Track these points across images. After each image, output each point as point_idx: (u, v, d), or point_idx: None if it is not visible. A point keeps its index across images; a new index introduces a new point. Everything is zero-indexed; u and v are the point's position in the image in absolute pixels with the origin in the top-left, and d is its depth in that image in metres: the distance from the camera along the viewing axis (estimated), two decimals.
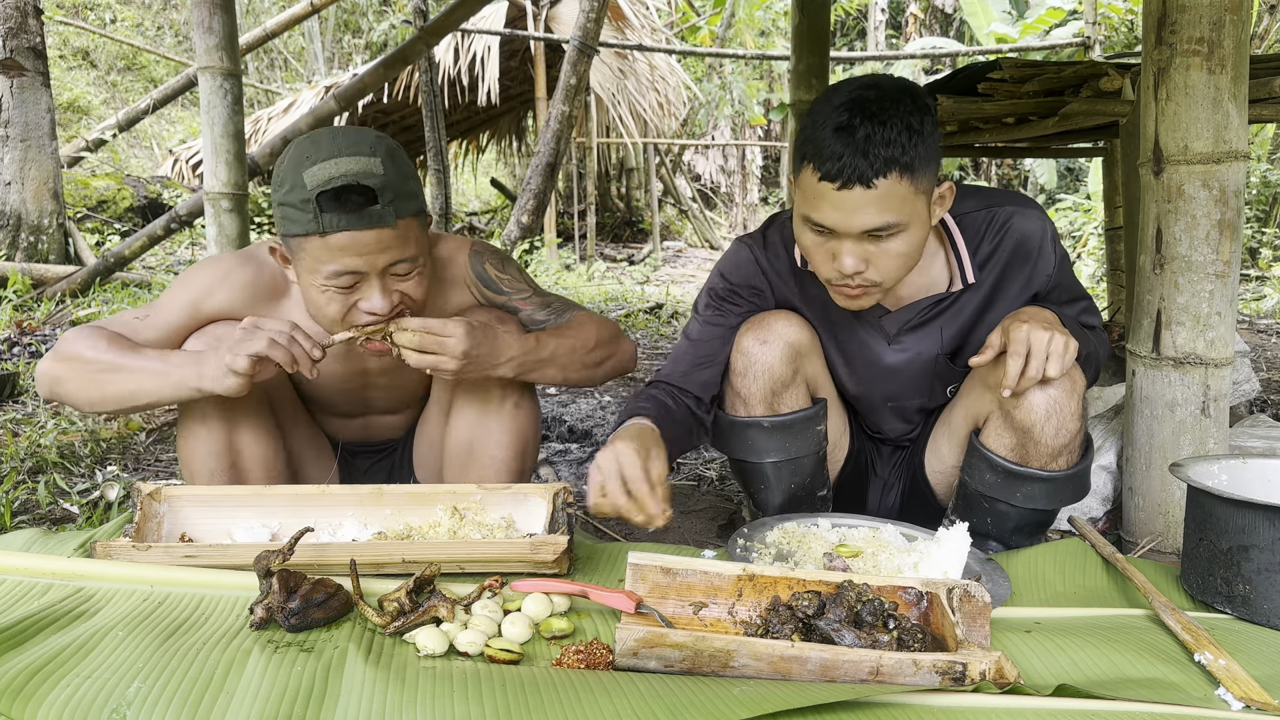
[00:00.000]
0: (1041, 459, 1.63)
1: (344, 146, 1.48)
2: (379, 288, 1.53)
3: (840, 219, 1.47)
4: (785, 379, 1.72)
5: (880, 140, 1.42)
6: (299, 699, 1.05)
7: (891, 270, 1.53)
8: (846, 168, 1.43)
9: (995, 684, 1.12)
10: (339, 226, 1.45)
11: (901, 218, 1.47)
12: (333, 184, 1.44)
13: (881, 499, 1.98)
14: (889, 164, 1.43)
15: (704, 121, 13.74)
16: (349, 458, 1.97)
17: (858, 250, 1.50)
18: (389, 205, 1.47)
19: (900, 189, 1.45)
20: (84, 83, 12.26)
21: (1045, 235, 1.68)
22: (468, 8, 5.88)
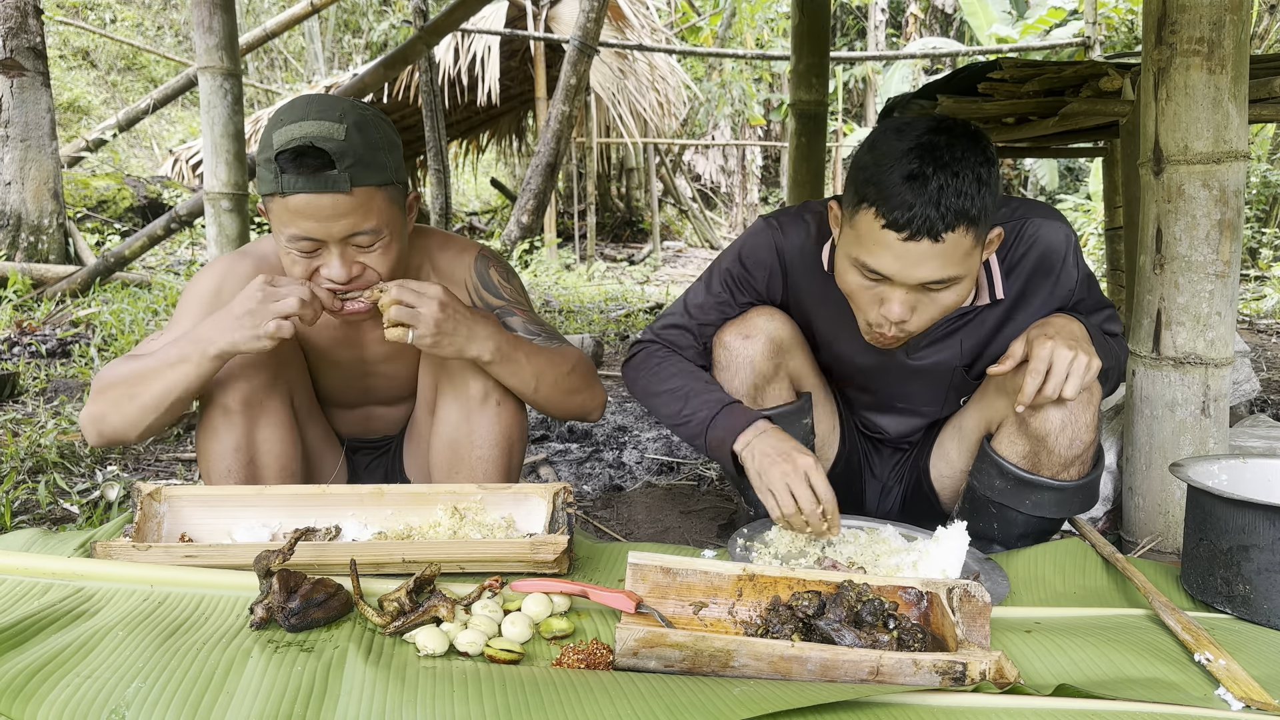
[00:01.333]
0: (1053, 468, 1.62)
1: (313, 111, 1.50)
2: (338, 255, 1.53)
3: (900, 269, 1.43)
4: (768, 374, 1.72)
5: (953, 191, 1.37)
6: (299, 699, 1.05)
7: (932, 319, 1.52)
8: (917, 219, 1.37)
9: (995, 684, 1.12)
10: (295, 188, 1.47)
11: (961, 271, 1.44)
12: (292, 144, 1.46)
13: (880, 501, 1.98)
14: (959, 216, 1.38)
15: (704, 121, 13.74)
16: (349, 454, 1.98)
17: (909, 300, 1.47)
18: (345, 170, 1.47)
19: (964, 243, 1.41)
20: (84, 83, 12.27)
21: (1069, 248, 1.64)
22: (468, 8, 5.89)
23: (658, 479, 2.64)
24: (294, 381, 1.74)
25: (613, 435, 3.10)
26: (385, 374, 1.83)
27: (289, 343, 1.68)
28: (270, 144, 1.49)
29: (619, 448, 2.95)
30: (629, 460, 2.81)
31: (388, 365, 1.82)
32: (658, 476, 2.67)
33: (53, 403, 3.07)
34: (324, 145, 1.46)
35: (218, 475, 1.68)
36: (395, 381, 1.86)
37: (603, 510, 2.34)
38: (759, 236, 1.76)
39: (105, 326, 4.15)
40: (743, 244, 1.78)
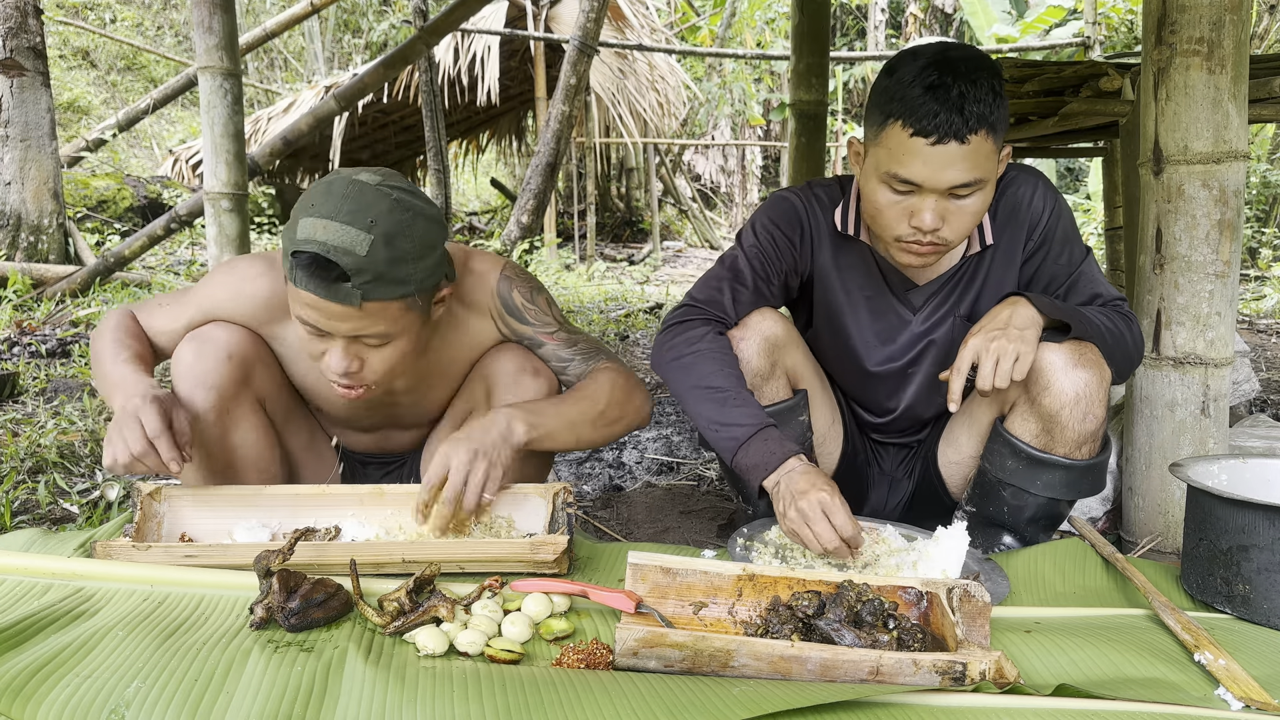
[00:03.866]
0: (1066, 446, 1.64)
1: (343, 210, 1.42)
2: (340, 350, 1.51)
3: (930, 174, 1.51)
4: (764, 371, 1.73)
5: (973, 98, 1.48)
6: (299, 699, 1.05)
7: (964, 228, 1.58)
8: (943, 124, 1.47)
9: (995, 684, 1.12)
10: (305, 287, 1.43)
11: (984, 175, 1.52)
12: (309, 247, 1.41)
13: (889, 497, 1.98)
14: (980, 120, 1.48)
15: (704, 121, 13.74)
16: (359, 466, 1.96)
17: (939, 207, 1.54)
18: (359, 287, 1.42)
19: (986, 147, 1.51)
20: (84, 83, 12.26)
21: (1042, 200, 1.70)
22: (468, 8, 5.88)
23: (658, 479, 2.64)
24: (265, 388, 1.72)
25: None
26: (410, 403, 1.81)
27: (257, 349, 1.69)
28: (293, 230, 1.44)
29: (619, 448, 2.95)
30: (629, 460, 2.81)
31: (412, 396, 1.79)
32: (658, 476, 2.67)
33: (53, 403, 3.07)
34: (340, 260, 1.39)
35: (194, 480, 1.68)
36: (419, 410, 1.84)
37: (603, 510, 2.34)
38: (785, 201, 1.80)
39: None
40: (769, 211, 1.81)
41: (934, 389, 1.84)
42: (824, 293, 1.82)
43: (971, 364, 1.56)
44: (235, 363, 1.63)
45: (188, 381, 1.62)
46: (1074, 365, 1.59)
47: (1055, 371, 1.59)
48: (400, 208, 1.45)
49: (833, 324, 1.84)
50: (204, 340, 1.63)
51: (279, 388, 1.76)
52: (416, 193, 1.52)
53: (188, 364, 1.63)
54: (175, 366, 1.65)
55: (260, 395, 1.71)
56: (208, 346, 1.63)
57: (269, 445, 1.72)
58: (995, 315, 1.59)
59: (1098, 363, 1.60)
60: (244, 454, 1.68)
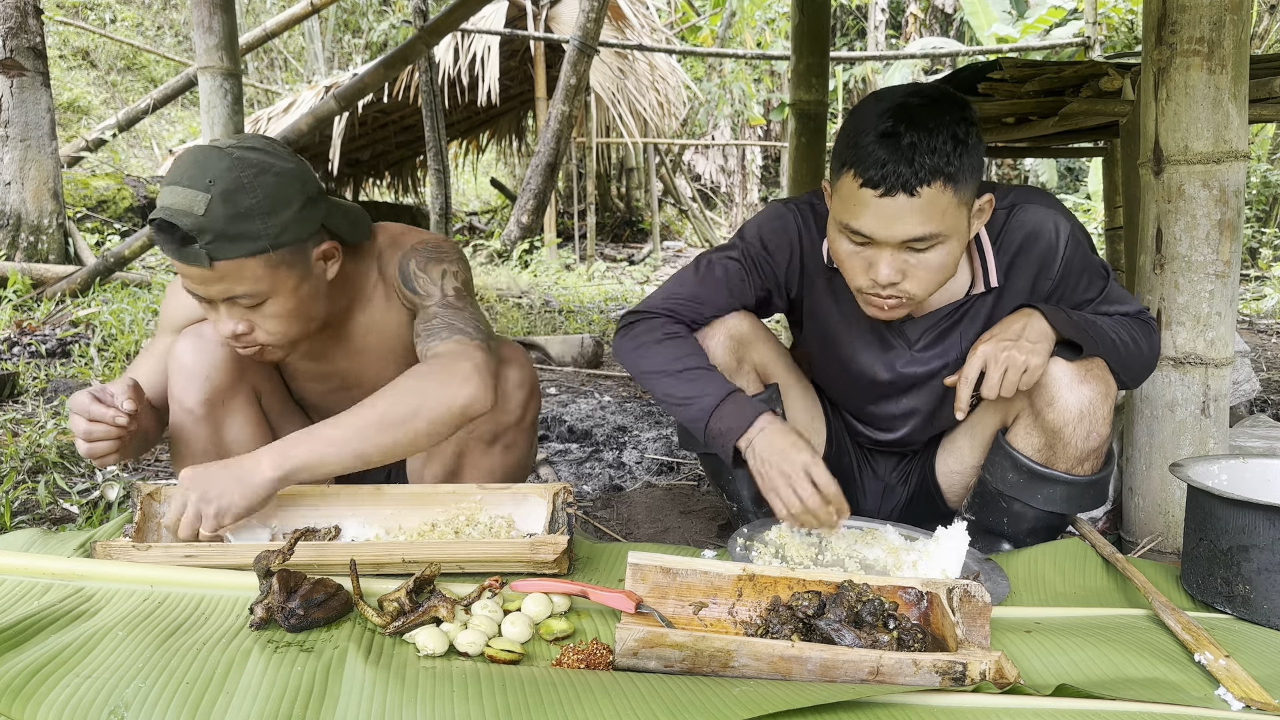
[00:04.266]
0: (1068, 462, 1.63)
1: (186, 175, 1.44)
2: (223, 312, 1.53)
3: (880, 227, 1.44)
4: (730, 367, 1.73)
5: (926, 149, 1.39)
6: (299, 699, 1.05)
7: (927, 283, 1.51)
8: (890, 175, 1.40)
9: (995, 684, 1.12)
10: (167, 254, 1.47)
11: (943, 229, 1.44)
12: (158, 214, 1.44)
13: (883, 502, 1.97)
14: (934, 173, 1.40)
15: (704, 121, 13.74)
16: None
17: (895, 261, 1.47)
18: (205, 247, 1.44)
19: (943, 199, 1.42)
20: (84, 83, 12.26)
21: (1058, 234, 1.62)
22: (468, 8, 5.88)
23: (658, 479, 2.64)
24: (260, 383, 1.73)
25: (613, 435, 3.10)
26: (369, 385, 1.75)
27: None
28: None
29: (619, 448, 2.95)
30: (629, 460, 2.81)
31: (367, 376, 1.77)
32: (658, 476, 2.67)
33: (53, 403, 3.07)
34: (179, 221, 1.42)
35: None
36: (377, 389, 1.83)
37: (603, 510, 2.34)
38: (780, 219, 1.74)
39: (105, 326, 4.15)
40: (761, 225, 1.75)
41: (931, 421, 1.83)
42: (816, 318, 1.78)
43: (979, 372, 1.54)
44: (229, 353, 1.64)
45: (183, 374, 1.64)
46: (1080, 381, 1.58)
47: (1060, 387, 1.58)
48: (241, 165, 1.45)
49: (826, 351, 1.82)
50: (199, 335, 1.65)
51: (274, 382, 1.78)
52: (273, 151, 1.51)
53: (183, 357, 1.64)
54: (172, 361, 1.66)
55: (256, 389, 1.72)
56: (203, 341, 1.64)
57: (264, 440, 1.72)
58: (1008, 325, 1.56)
59: (1104, 379, 1.59)
60: (238, 449, 1.69)
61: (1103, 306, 1.69)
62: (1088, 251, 1.66)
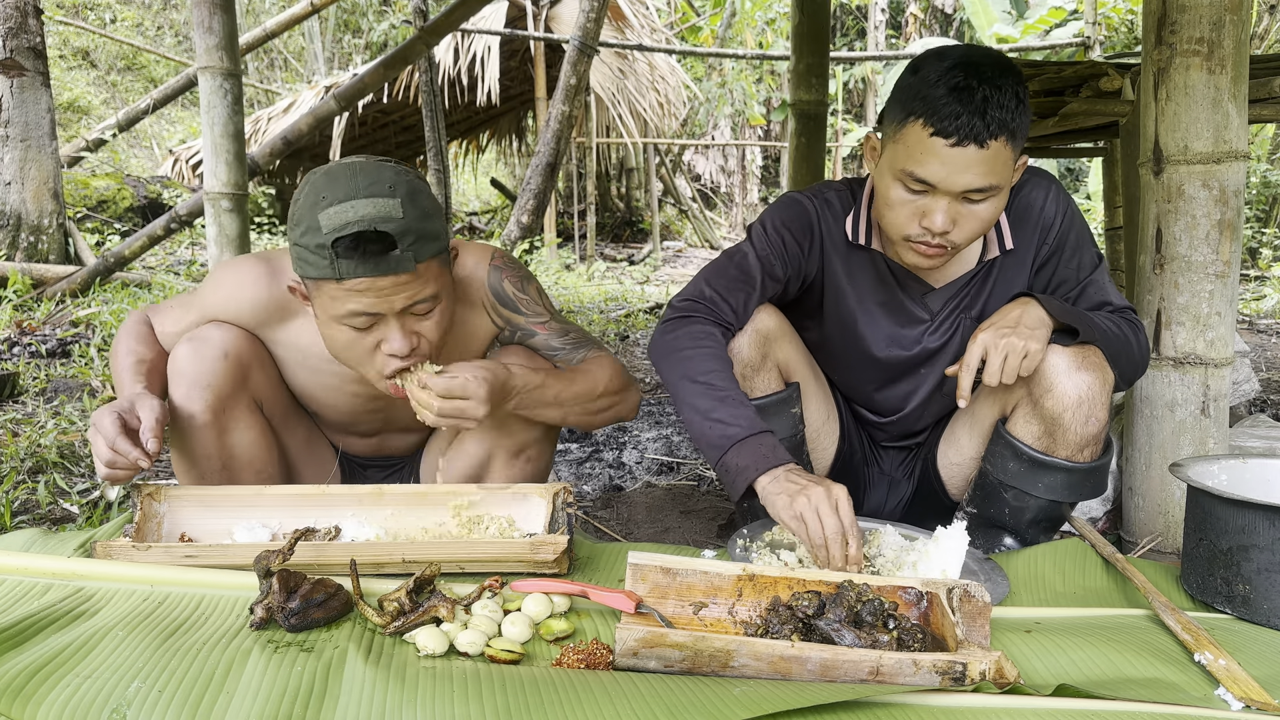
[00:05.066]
0: (1068, 449, 1.64)
1: (362, 187, 1.41)
2: (398, 328, 1.49)
3: (946, 175, 1.50)
4: (754, 363, 1.73)
5: (996, 103, 1.47)
6: (299, 699, 1.05)
7: (973, 233, 1.57)
8: (964, 126, 1.47)
9: (995, 684, 1.12)
10: (356, 273, 1.41)
11: (1000, 181, 1.52)
12: (349, 229, 1.39)
13: (888, 497, 1.98)
14: (1002, 127, 1.48)
15: (704, 121, 13.74)
16: (359, 469, 1.95)
17: (951, 210, 1.54)
18: (409, 249, 1.42)
19: (1005, 153, 1.50)
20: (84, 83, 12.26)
21: (1055, 204, 1.70)
22: (468, 8, 5.88)
23: (658, 479, 2.64)
24: (261, 389, 1.71)
25: (613, 435, 3.10)
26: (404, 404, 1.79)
27: (254, 348, 1.68)
28: (317, 227, 1.41)
29: (619, 448, 2.95)
30: (629, 460, 2.81)
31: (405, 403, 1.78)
32: (658, 476, 2.67)
33: (53, 403, 3.07)
34: (386, 228, 1.39)
35: (191, 480, 1.68)
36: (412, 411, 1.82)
37: (603, 510, 2.34)
38: (796, 206, 1.78)
39: (105, 326, 4.15)
40: (779, 212, 1.79)
41: (942, 392, 1.84)
42: (836, 301, 1.81)
43: (980, 359, 1.56)
44: (231, 362, 1.63)
45: (184, 381, 1.62)
46: (1077, 368, 1.59)
47: (1058, 374, 1.59)
48: (402, 172, 1.49)
49: (846, 331, 1.82)
50: (200, 340, 1.63)
51: (276, 388, 1.75)
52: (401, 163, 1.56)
53: (183, 364, 1.62)
54: (171, 366, 1.64)
55: (257, 396, 1.70)
56: (204, 347, 1.62)
57: (266, 446, 1.72)
58: (1006, 313, 1.59)
59: (1101, 366, 1.60)
60: (241, 454, 1.68)
61: (1091, 291, 1.72)
62: (1082, 230, 1.72)
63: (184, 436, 1.66)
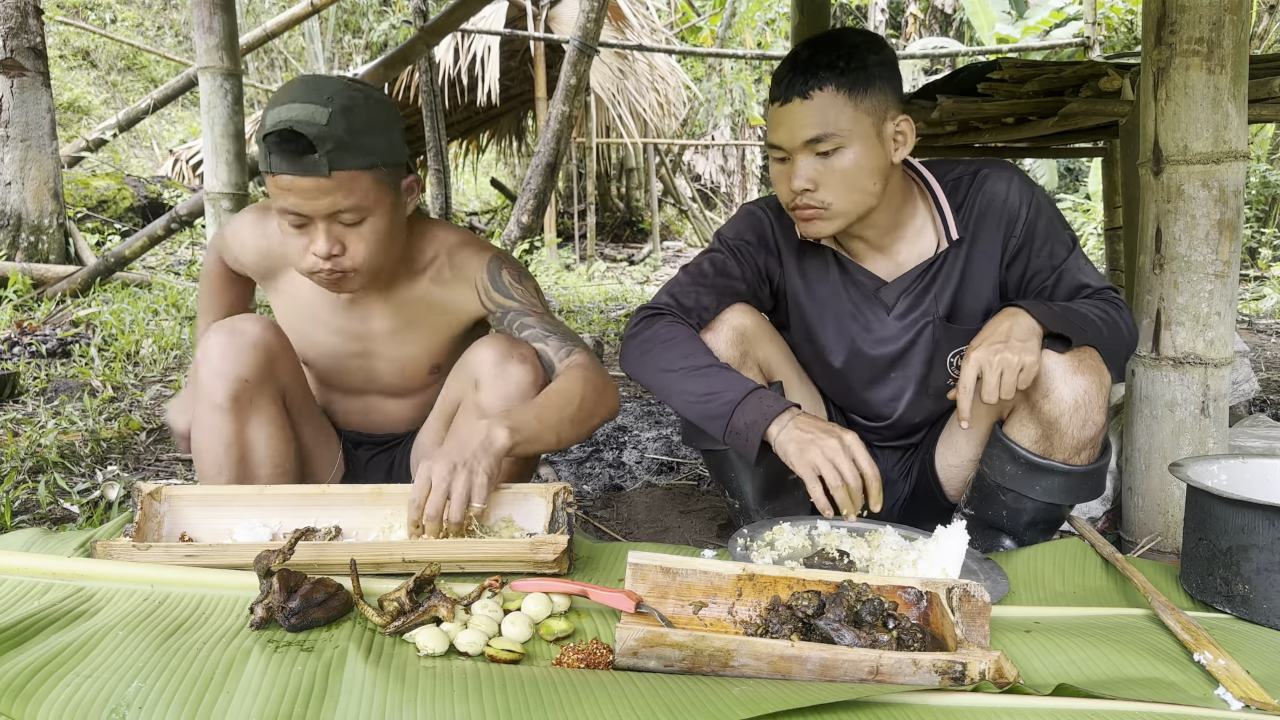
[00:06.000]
0: (1065, 452, 1.64)
1: (302, 93, 1.54)
2: (323, 231, 1.58)
3: (784, 134, 1.60)
4: (735, 361, 1.74)
5: (821, 62, 1.56)
6: (299, 699, 1.05)
7: (839, 190, 1.61)
8: (788, 85, 1.58)
9: (995, 683, 1.12)
10: (278, 169, 1.53)
11: (839, 129, 1.57)
12: (277, 128, 1.51)
13: (884, 497, 1.97)
14: (824, 80, 1.56)
15: (704, 121, 13.74)
16: (351, 448, 1.98)
17: (806, 169, 1.60)
18: (325, 155, 1.52)
19: (837, 102, 1.57)
20: (84, 83, 12.26)
21: (1019, 195, 1.70)
22: (468, 8, 5.88)
23: (658, 479, 2.64)
24: (286, 379, 1.74)
25: (613, 435, 3.10)
26: (388, 356, 1.84)
27: (281, 339, 1.73)
28: (263, 124, 1.55)
29: (619, 448, 2.95)
30: (629, 460, 2.81)
31: (386, 345, 1.82)
32: (658, 476, 2.67)
33: (53, 403, 3.07)
34: (304, 130, 1.50)
35: (209, 473, 1.68)
36: (397, 366, 1.85)
37: (603, 510, 2.34)
38: (750, 216, 1.86)
39: (105, 326, 4.15)
40: (735, 223, 1.86)
41: (923, 394, 1.84)
42: (796, 305, 1.85)
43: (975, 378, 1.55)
44: (262, 352, 1.67)
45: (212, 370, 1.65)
46: (1074, 372, 1.59)
47: (1055, 378, 1.59)
48: (351, 87, 1.58)
49: (809, 335, 1.86)
50: (233, 331, 1.67)
51: (299, 382, 1.81)
52: (366, 84, 1.64)
53: (214, 353, 1.65)
54: (201, 354, 1.67)
55: (282, 387, 1.74)
56: (237, 338, 1.66)
57: (286, 440, 1.74)
58: (995, 328, 1.58)
59: (1097, 369, 1.60)
60: (260, 445, 1.69)
61: (1067, 278, 1.71)
62: (1051, 219, 1.73)
63: (205, 426, 1.66)
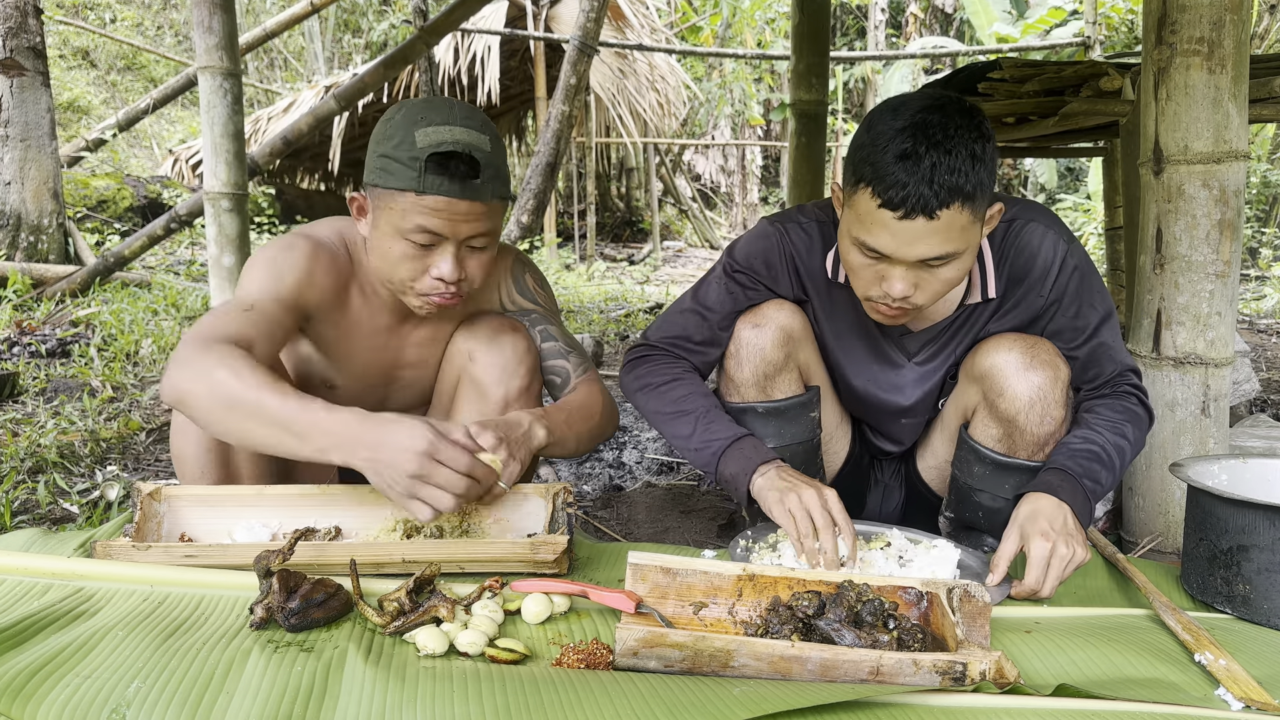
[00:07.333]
0: (1028, 449, 1.63)
1: (460, 117, 1.54)
2: (453, 255, 1.56)
3: (898, 247, 1.43)
4: (778, 363, 1.71)
5: (945, 169, 1.37)
6: (299, 699, 1.05)
7: (935, 295, 1.51)
8: (911, 197, 1.38)
9: (995, 684, 1.12)
10: (439, 190, 1.50)
11: (959, 247, 1.44)
12: (443, 148, 1.50)
13: (883, 504, 1.98)
14: (953, 194, 1.38)
15: (704, 121, 13.75)
16: None
17: (909, 276, 1.46)
18: (489, 182, 1.54)
19: (960, 219, 1.41)
20: (84, 83, 12.26)
21: (1054, 252, 1.60)
22: (468, 7, 5.88)
23: (658, 479, 2.64)
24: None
25: (613, 435, 3.10)
26: (407, 381, 1.84)
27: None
28: (412, 141, 1.50)
29: (619, 448, 2.95)
30: (629, 460, 2.81)
31: (413, 372, 1.83)
32: (658, 476, 2.67)
33: (53, 403, 3.07)
34: (476, 154, 1.51)
35: (190, 477, 1.67)
36: (413, 390, 1.87)
37: (603, 510, 2.34)
38: (765, 240, 1.73)
39: (105, 326, 4.15)
40: (749, 246, 1.74)
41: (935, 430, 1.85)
42: (818, 325, 1.78)
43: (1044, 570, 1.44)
44: None
45: None
46: (1026, 368, 1.57)
47: (1008, 375, 1.58)
48: (489, 121, 1.59)
49: (828, 356, 1.81)
50: None
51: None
52: None
53: None
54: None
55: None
56: None
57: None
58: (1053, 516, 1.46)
59: (1052, 364, 1.58)
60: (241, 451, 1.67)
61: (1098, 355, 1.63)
62: (1085, 278, 1.62)
63: (186, 430, 1.65)
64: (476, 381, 1.73)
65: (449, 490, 1.38)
